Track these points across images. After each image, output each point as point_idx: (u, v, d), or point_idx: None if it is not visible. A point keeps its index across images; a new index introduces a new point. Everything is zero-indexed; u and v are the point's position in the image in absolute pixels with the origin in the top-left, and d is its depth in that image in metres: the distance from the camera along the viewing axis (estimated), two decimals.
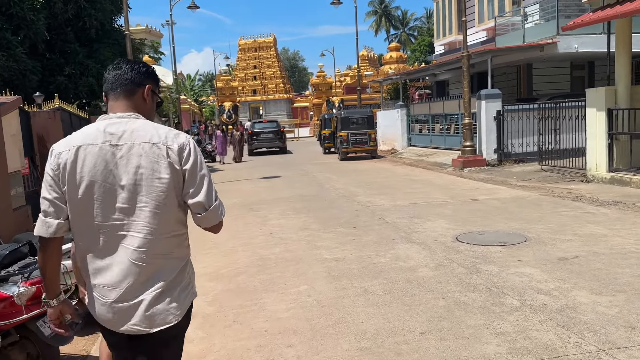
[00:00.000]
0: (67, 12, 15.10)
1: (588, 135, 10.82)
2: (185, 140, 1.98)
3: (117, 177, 1.92)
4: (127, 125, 1.96)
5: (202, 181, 1.97)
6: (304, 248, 6.60)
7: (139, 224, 1.93)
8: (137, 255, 1.93)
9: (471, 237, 6.57)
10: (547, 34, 15.62)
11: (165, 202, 1.93)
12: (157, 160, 1.91)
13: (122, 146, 1.93)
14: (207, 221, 2.01)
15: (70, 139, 2.00)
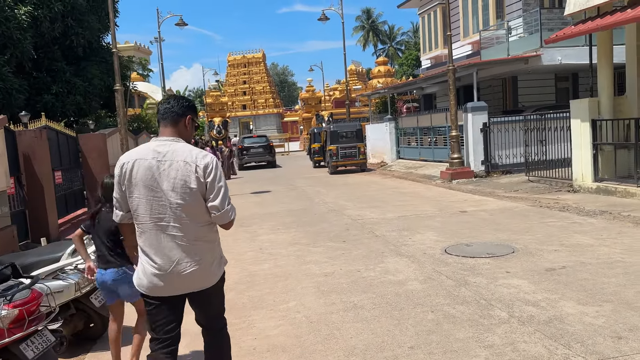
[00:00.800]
0: (54, 31, 15.10)
1: (573, 145, 10.95)
2: (209, 160, 2.70)
3: (160, 183, 2.66)
4: (171, 146, 2.70)
5: (219, 191, 2.69)
6: (293, 263, 6.58)
7: (179, 218, 2.67)
8: (179, 239, 2.69)
9: (459, 249, 6.59)
10: (531, 47, 15.87)
11: (195, 204, 2.67)
12: (188, 174, 2.65)
13: (165, 162, 2.67)
14: (220, 220, 2.74)
15: (131, 153, 2.78)
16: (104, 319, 4.58)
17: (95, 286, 4.42)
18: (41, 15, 14.41)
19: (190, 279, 2.72)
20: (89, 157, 13.16)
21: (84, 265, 3.96)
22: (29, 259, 4.28)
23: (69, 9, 15.27)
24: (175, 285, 2.73)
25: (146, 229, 2.71)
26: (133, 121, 25.09)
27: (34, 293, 3.48)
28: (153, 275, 2.71)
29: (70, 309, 4.32)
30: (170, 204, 2.65)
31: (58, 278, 4.18)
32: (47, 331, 3.58)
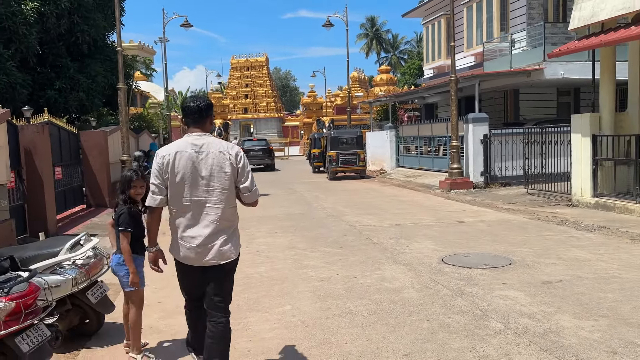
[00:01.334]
0: (59, 27, 15.14)
1: (573, 160, 10.99)
2: (238, 149, 3.31)
3: (199, 171, 3.21)
4: (205, 139, 3.27)
5: (248, 174, 3.31)
6: (290, 267, 6.58)
7: (214, 200, 3.24)
8: (213, 219, 3.24)
9: (457, 259, 6.60)
10: (533, 60, 15.95)
11: (228, 186, 3.24)
12: (223, 161, 3.22)
13: (202, 152, 3.23)
14: (250, 198, 3.33)
15: (170, 146, 3.31)
16: (99, 315, 4.59)
17: (92, 282, 4.44)
18: (48, 11, 14.45)
19: (216, 252, 3.25)
20: (89, 154, 13.17)
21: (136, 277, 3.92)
22: (28, 253, 4.28)
23: (75, 6, 15.33)
24: (203, 256, 3.25)
25: (186, 209, 3.25)
26: (135, 120, 25.10)
27: (31, 286, 3.47)
28: (187, 249, 3.27)
29: (66, 304, 4.32)
30: (208, 187, 3.23)
31: (56, 273, 4.18)
32: (42, 325, 3.58)
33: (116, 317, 4.86)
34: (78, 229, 10.25)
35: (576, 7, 10.46)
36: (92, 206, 13.21)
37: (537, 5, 17.97)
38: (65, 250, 4.31)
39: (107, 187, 13.33)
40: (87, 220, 11.40)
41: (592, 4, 10.00)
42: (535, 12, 17.93)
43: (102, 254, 4.65)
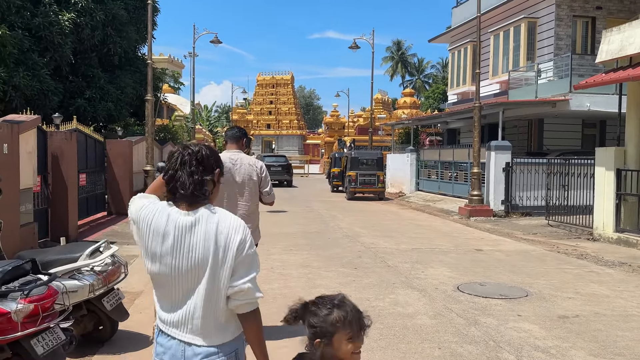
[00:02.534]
0: (93, 38, 15.63)
1: (596, 193, 10.82)
2: (262, 164, 4.52)
3: (234, 177, 4.33)
4: (239, 156, 4.42)
5: (268, 182, 4.54)
6: (303, 285, 6.58)
7: (245, 199, 4.42)
8: (243, 212, 4.33)
9: (472, 288, 6.52)
10: (559, 91, 15.84)
11: (254, 190, 4.42)
12: (252, 171, 4.40)
13: (237, 164, 4.37)
14: (269, 199, 4.57)
15: None
16: (113, 322, 4.65)
17: (108, 289, 4.51)
18: (83, 23, 14.95)
19: None
20: (114, 163, 13.45)
21: None
22: (48, 257, 4.38)
23: (110, 19, 15.83)
24: None
25: (222, 204, 3.94)
26: (160, 131, 25.56)
27: (50, 290, 3.56)
28: None
29: (82, 309, 4.40)
30: (239, 189, 4.39)
31: (74, 278, 4.26)
32: (58, 329, 3.65)
33: (130, 325, 4.93)
34: (98, 236, 10.42)
35: (604, 41, 10.41)
36: (113, 214, 13.44)
37: (565, 37, 17.90)
38: (85, 256, 4.40)
39: (129, 195, 13.55)
40: (107, 227, 11.60)
41: (620, 38, 9.95)
42: (562, 43, 17.86)
43: (120, 261, 4.73)
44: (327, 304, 1.84)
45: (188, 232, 1.86)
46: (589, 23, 18.28)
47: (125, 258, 5.25)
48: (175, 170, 1.92)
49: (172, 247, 1.87)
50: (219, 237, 1.86)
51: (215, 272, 1.86)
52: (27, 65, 13.61)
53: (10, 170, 6.77)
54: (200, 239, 1.86)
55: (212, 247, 1.85)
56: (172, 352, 1.90)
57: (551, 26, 17.93)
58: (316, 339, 1.81)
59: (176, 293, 1.89)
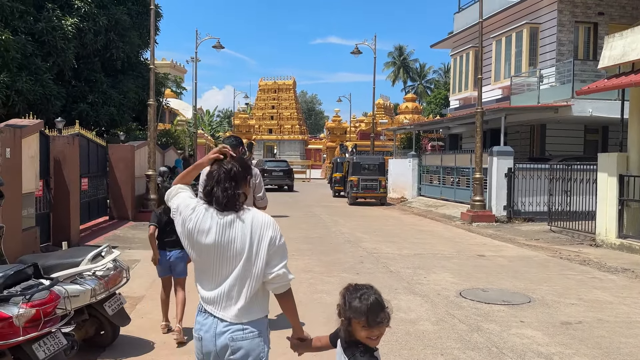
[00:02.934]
0: (96, 43, 15.65)
1: (598, 199, 10.79)
2: (256, 171, 4.58)
3: None
4: None
5: (262, 188, 4.94)
6: (305, 291, 6.56)
7: None
8: None
9: (475, 294, 6.50)
10: (561, 97, 15.83)
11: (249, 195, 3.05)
12: None
13: None
14: (261, 204, 4.86)
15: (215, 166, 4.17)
16: (115, 327, 4.64)
17: (110, 294, 4.51)
18: (86, 28, 14.97)
19: None
20: (116, 167, 13.47)
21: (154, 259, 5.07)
22: (50, 261, 4.38)
23: (112, 24, 15.86)
24: None
25: None
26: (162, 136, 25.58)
27: (52, 294, 3.55)
28: None
29: (83, 314, 4.39)
30: None
31: (76, 282, 4.26)
32: (60, 334, 3.65)
33: (131, 330, 4.91)
34: (100, 240, 10.42)
35: (607, 46, 10.41)
36: (115, 218, 13.44)
37: (567, 42, 17.91)
38: (87, 261, 4.40)
39: (131, 200, 13.57)
40: (109, 232, 11.60)
41: (623, 44, 9.95)
42: (565, 49, 17.87)
43: (122, 266, 4.73)
44: (354, 294, 2.13)
45: (227, 228, 2.27)
46: (591, 29, 18.29)
47: (126, 263, 5.25)
48: (212, 187, 2.31)
49: (215, 240, 2.26)
50: (253, 232, 2.27)
51: (249, 261, 2.26)
52: (30, 69, 13.64)
53: (12, 175, 6.78)
54: (237, 234, 2.26)
55: (248, 240, 2.26)
56: (207, 327, 2.28)
57: (553, 32, 17.94)
58: (341, 318, 2.16)
59: (215, 277, 2.28)
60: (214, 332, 2.26)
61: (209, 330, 2.27)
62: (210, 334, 2.27)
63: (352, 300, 2.13)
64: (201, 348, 2.31)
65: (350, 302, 2.13)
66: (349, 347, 2.14)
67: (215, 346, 2.26)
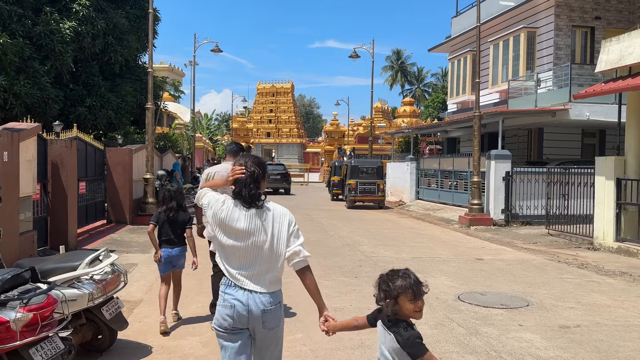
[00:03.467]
0: (94, 47, 15.66)
1: (596, 203, 10.81)
2: None
3: None
4: None
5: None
6: (303, 294, 6.52)
7: None
8: None
9: (473, 297, 6.49)
10: (559, 100, 15.89)
11: None
12: None
13: None
14: None
15: (215, 167, 5.31)
16: (112, 331, 4.63)
17: (107, 298, 4.49)
18: (84, 31, 14.99)
19: None
20: (113, 171, 13.45)
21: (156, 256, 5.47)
22: (48, 265, 4.36)
23: (110, 27, 15.86)
24: None
25: None
26: (160, 139, 25.58)
27: (49, 299, 3.54)
28: None
29: (81, 318, 4.38)
30: None
31: (73, 286, 4.24)
32: (57, 338, 3.63)
33: (129, 334, 4.90)
34: (97, 244, 10.40)
35: (604, 50, 10.46)
36: (113, 222, 13.42)
37: (564, 46, 17.99)
38: (84, 265, 4.39)
39: (128, 203, 13.55)
40: (106, 235, 11.58)
41: (619, 48, 10.00)
42: (562, 53, 17.95)
43: (119, 270, 4.71)
44: (395, 275, 2.47)
45: (254, 218, 2.79)
46: (587, 33, 18.38)
47: (124, 266, 5.23)
48: (240, 189, 2.83)
49: (244, 227, 2.78)
50: (274, 220, 2.83)
51: (272, 243, 2.79)
52: (27, 73, 13.64)
53: (10, 179, 6.77)
54: (262, 222, 2.80)
55: (270, 226, 2.81)
56: (239, 297, 2.74)
57: (550, 36, 18.02)
58: (387, 300, 2.44)
59: (245, 257, 2.78)
60: (247, 301, 2.72)
61: (242, 299, 2.73)
62: (243, 302, 2.73)
63: (395, 280, 2.44)
64: (232, 314, 2.74)
65: (394, 282, 2.43)
66: (394, 325, 2.45)
67: (248, 312, 2.73)
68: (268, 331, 2.78)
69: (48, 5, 14.86)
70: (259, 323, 2.75)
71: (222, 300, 2.80)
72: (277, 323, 2.82)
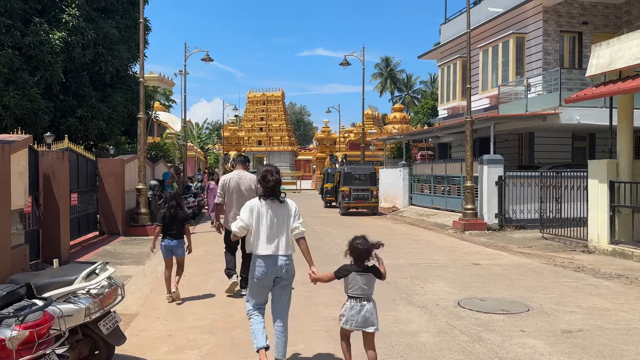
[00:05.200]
0: (84, 57, 15.57)
1: (590, 206, 10.86)
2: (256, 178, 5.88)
3: (240, 187, 7.07)
4: (243, 173, 7.20)
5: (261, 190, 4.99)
6: (302, 303, 6.48)
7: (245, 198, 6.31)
8: None
9: (473, 303, 6.46)
10: (549, 105, 16.00)
11: (253, 195, 6.49)
12: (251, 183, 7.01)
13: (242, 178, 7.13)
14: None
15: (229, 175, 7.31)
16: (109, 347, 4.52)
17: (104, 312, 4.39)
18: (74, 42, 14.90)
19: None
20: (105, 182, 13.31)
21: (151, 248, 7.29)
22: (43, 280, 4.25)
23: (101, 37, 15.78)
24: None
25: (234, 203, 6.90)
26: (151, 149, 25.41)
27: (46, 315, 3.44)
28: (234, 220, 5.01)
29: (77, 333, 4.27)
30: (244, 194, 6.85)
31: (69, 301, 4.14)
32: (54, 355, 3.53)
33: (126, 348, 4.80)
34: (90, 257, 10.26)
35: (594, 55, 10.55)
36: (105, 233, 13.26)
37: (553, 51, 18.16)
38: (81, 279, 4.29)
39: (121, 214, 13.40)
40: (99, 247, 11.43)
41: (609, 52, 10.09)
42: (551, 58, 18.12)
43: (117, 283, 4.62)
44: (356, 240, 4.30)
45: (278, 208, 4.39)
46: (575, 38, 18.58)
47: (120, 277, 5.14)
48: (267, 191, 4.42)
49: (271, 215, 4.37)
50: (290, 209, 4.41)
51: (289, 223, 4.38)
52: (17, 84, 13.50)
53: (1, 191, 6.64)
54: (283, 209, 4.40)
55: (287, 212, 4.38)
56: (272, 261, 4.29)
57: (539, 41, 18.19)
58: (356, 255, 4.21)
59: (274, 234, 4.35)
60: (276, 262, 4.29)
61: (274, 260, 4.30)
62: (274, 263, 4.29)
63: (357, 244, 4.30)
64: (266, 272, 4.31)
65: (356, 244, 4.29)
66: (365, 270, 4.24)
67: (276, 267, 4.29)
68: None
69: (37, 15, 14.75)
70: None
71: (258, 266, 4.37)
72: None
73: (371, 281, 4.20)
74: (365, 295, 4.15)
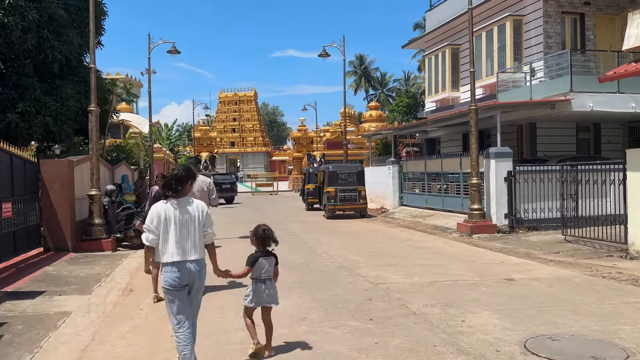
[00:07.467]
0: (26, 42, 13.25)
1: (629, 203, 9.25)
2: (211, 180, 8.38)
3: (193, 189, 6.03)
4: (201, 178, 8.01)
5: (214, 192, 8.17)
6: (307, 357, 4.54)
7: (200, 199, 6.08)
8: None
9: (545, 347, 4.63)
10: (556, 91, 14.42)
11: (205, 196, 7.74)
12: (203, 185, 7.90)
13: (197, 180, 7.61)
14: (214, 202, 8.16)
15: None
16: None
17: None
18: (12, 23, 12.56)
19: None
20: (50, 188, 11.07)
21: None
22: None
23: (45, 19, 13.47)
24: None
25: None
26: (113, 150, 23.03)
27: None
28: None
29: None
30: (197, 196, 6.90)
31: None
32: None
33: None
34: (25, 282, 8.13)
35: (632, 24, 8.93)
36: (51, 249, 11.04)
37: (554, 34, 16.66)
38: None
39: (70, 227, 11.19)
40: (39, 269, 9.22)
41: None
42: (552, 41, 16.61)
43: None
44: (261, 227, 4.85)
45: (186, 206, 4.24)
46: (577, 20, 17.13)
47: (54, 315, 3.12)
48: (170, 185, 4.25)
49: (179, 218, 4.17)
50: (198, 210, 4.23)
51: (199, 226, 4.21)
52: None
53: None
54: (191, 211, 4.22)
55: (197, 214, 4.21)
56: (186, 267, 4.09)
57: (539, 23, 16.66)
58: None
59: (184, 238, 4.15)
60: (188, 267, 4.07)
61: (189, 267, 4.09)
62: (186, 268, 4.07)
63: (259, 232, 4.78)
64: (179, 278, 4.06)
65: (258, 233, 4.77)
66: (266, 254, 4.72)
67: (190, 272, 4.08)
68: None
69: None
70: None
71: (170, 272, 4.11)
72: None
73: (272, 264, 4.64)
74: (269, 276, 4.59)
